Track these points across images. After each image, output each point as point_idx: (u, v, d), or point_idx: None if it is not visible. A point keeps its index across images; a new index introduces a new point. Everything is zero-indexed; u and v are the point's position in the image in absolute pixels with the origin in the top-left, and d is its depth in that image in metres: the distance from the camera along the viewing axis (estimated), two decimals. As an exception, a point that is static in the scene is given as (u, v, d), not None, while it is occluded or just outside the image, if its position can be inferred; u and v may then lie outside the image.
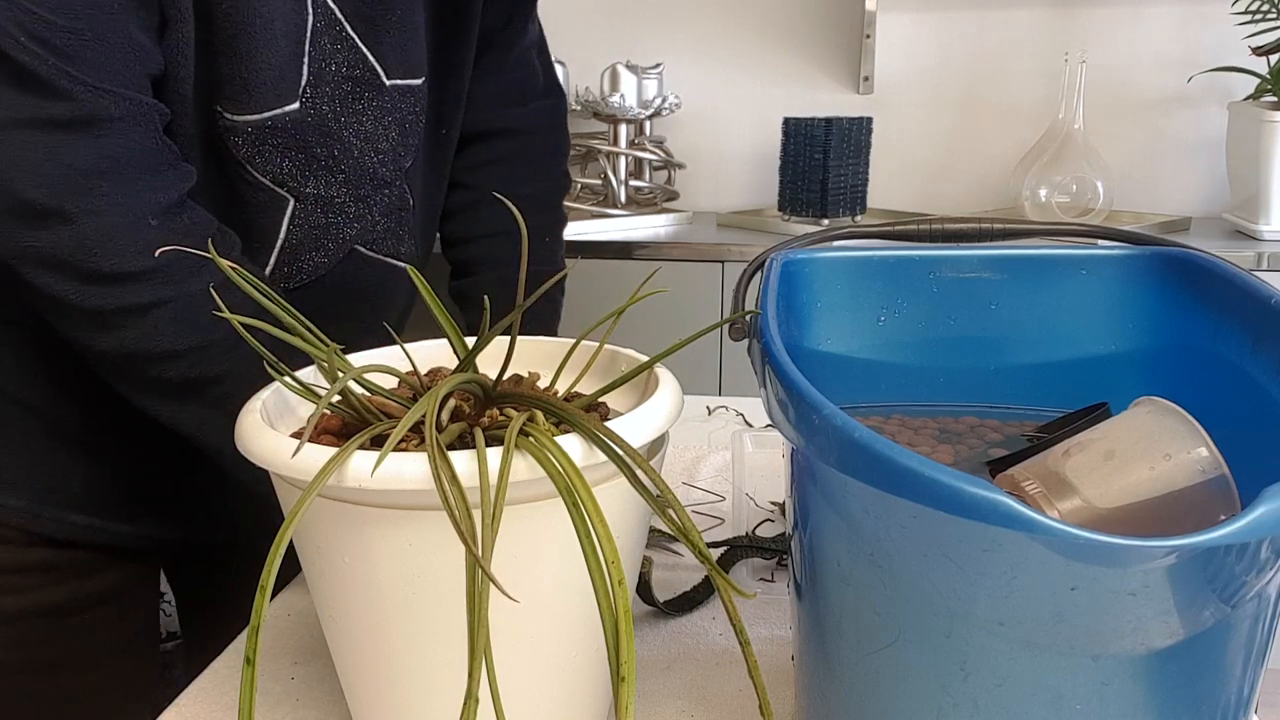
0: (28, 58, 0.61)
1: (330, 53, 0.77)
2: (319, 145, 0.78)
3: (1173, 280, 0.59)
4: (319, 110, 0.77)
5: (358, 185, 0.82)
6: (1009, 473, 0.49)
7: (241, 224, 0.78)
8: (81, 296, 0.66)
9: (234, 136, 0.74)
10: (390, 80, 0.82)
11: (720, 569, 0.45)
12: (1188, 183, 2.23)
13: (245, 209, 0.78)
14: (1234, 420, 0.48)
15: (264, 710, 0.62)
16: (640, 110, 2.15)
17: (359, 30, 0.79)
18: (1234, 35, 1.99)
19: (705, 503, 0.92)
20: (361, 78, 0.79)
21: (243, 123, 0.73)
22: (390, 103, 0.82)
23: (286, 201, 0.78)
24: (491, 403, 0.54)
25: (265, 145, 0.75)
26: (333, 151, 0.79)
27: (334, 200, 0.81)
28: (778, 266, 0.59)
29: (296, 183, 0.78)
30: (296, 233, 0.80)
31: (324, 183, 0.80)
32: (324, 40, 0.76)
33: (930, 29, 2.26)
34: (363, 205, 0.83)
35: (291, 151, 0.77)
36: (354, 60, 0.79)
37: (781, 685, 0.63)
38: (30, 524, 0.80)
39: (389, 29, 0.81)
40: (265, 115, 0.74)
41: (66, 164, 0.64)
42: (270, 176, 0.77)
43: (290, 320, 0.52)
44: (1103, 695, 0.39)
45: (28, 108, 0.63)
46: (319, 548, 0.50)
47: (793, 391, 0.43)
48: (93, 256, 0.65)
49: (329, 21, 0.76)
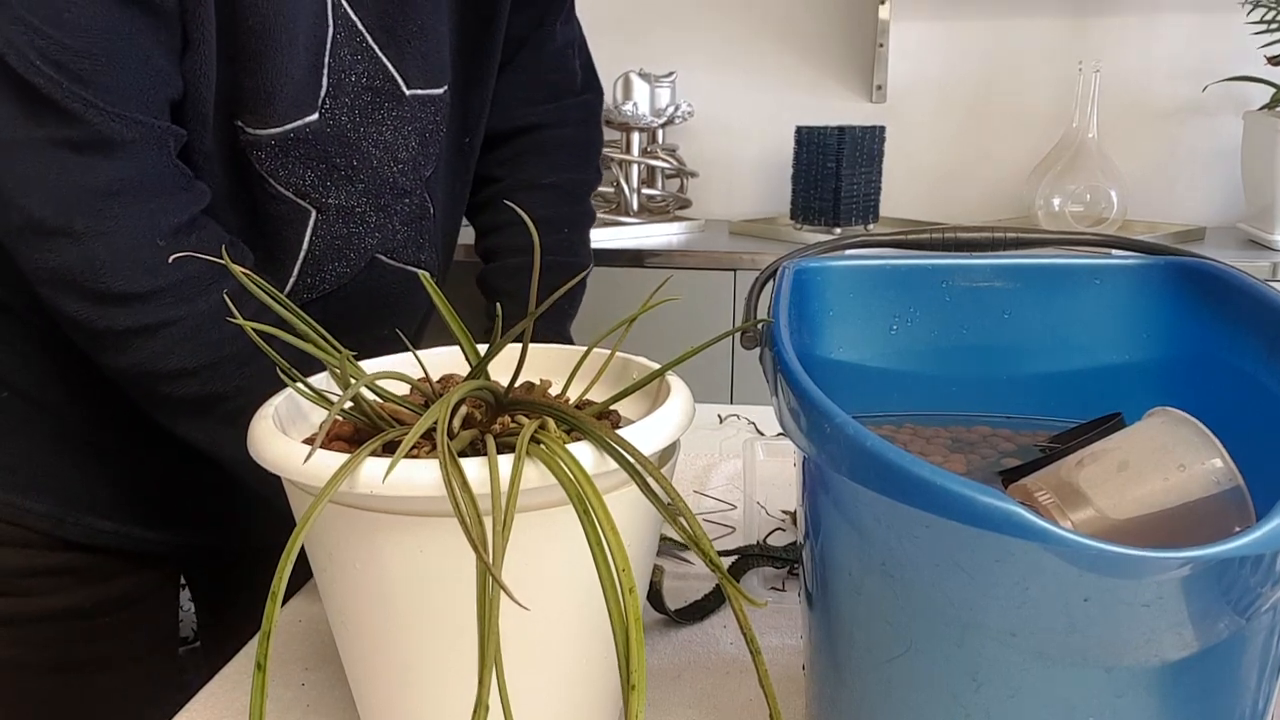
0: (42, 80, 0.62)
1: (350, 64, 0.77)
2: (339, 156, 0.78)
3: (1187, 290, 0.58)
4: (338, 121, 0.78)
5: (378, 195, 0.83)
6: (1022, 483, 0.49)
7: (265, 237, 0.78)
8: (91, 316, 0.66)
9: (256, 151, 0.74)
10: (410, 90, 0.82)
11: (731, 578, 0.45)
12: (1202, 192, 2.22)
13: (269, 222, 0.78)
14: (1249, 431, 0.48)
15: (275, 716, 0.62)
16: (653, 118, 2.16)
17: (380, 41, 0.79)
18: (1249, 45, 1.98)
19: (716, 511, 0.92)
20: (381, 88, 0.80)
21: (265, 136, 0.74)
22: (410, 112, 0.83)
23: (309, 213, 0.79)
24: (503, 410, 0.54)
25: (288, 157, 0.76)
26: (352, 161, 0.80)
27: (355, 210, 0.82)
28: (790, 275, 0.59)
29: (318, 194, 0.79)
30: (319, 244, 0.81)
31: (344, 193, 0.80)
32: (344, 51, 0.77)
33: (943, 38, 2.26)
34: (383, 215, 0.84)
35: (313, 162, 0.77)
36: (374, 71, 0.79)
37: (792, 694, 0.62)
38: (54, 528, 0.80)
39: (410, 39, 0.81)
40: (286, 128, 0.74)
41: (78, 184, 0.64)
42: (293, 189, 0.77)
43: (303, 328, 0.53)
44: (1115, 708, 0.39)
45: (42, 129, 0.63)
46: (330, 554, 0.50)
47: (805, 400, 0.43)
48: (101, 277, 0.65)
49: (350, 33, 0.77)
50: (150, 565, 0.87)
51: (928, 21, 2.25)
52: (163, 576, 0.90)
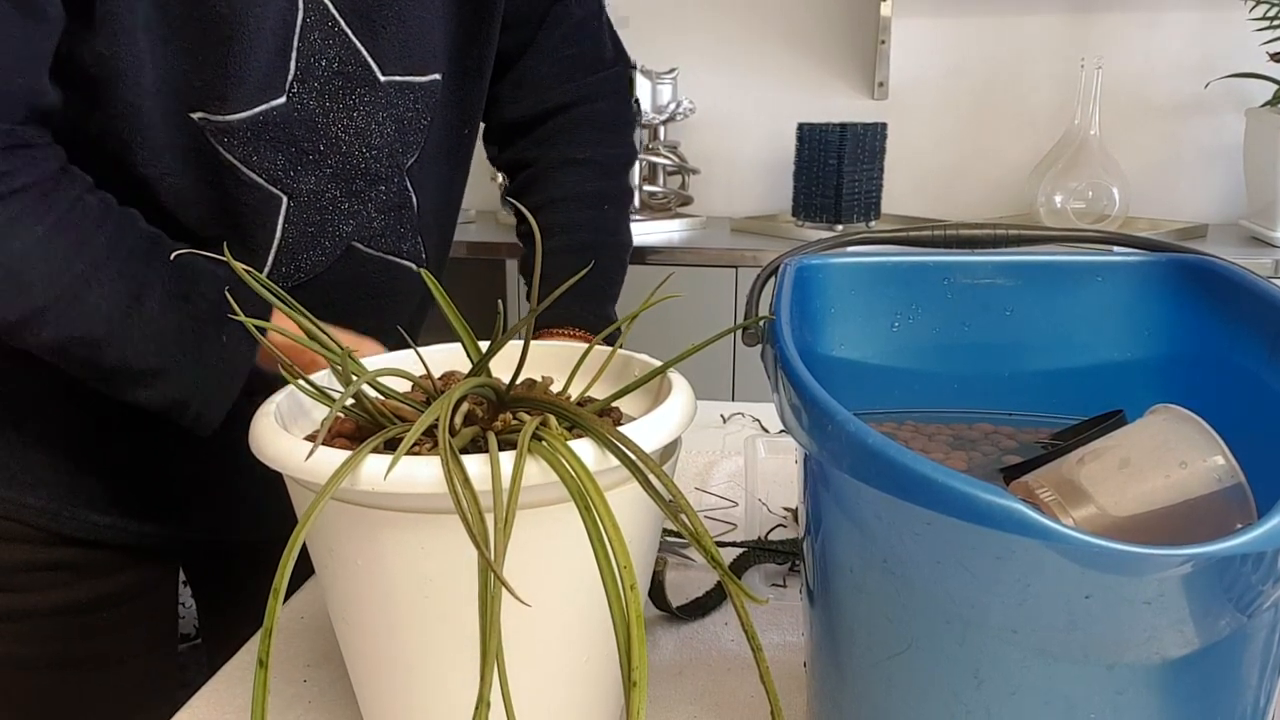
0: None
1: (320, 48, 0.76)
2: (306, 140, 0.77)
3: (1189, 287, 0.58)
4: (305, 105, 0.77)
5: (349, 180, 0.81)
6: (1023, 480, 0.49)
7: (239, 228, 0.77)
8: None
9: (225, 137, 0.73)
10: (386, 76, 0.81)
11: (732, 574, 0.45)
12: (1204, 189, 2.22)
13: (241, 211, 0.77)
14: (1250, 428, 0.48)
15: (276, 713, 0.62)
16: (655, 115, 2.16)
17: (353, 25, 0.78)
18: (1252, 41, 1.98)
19: (718, 508, 0.92)
20: (353, 73, 0.79)
21: (235, 122, 0.73)
22: (385, 98, 0.81)
23: (280, 199, 0.78)
24: (505, 407, 0.54)
25: (259, 142, 0.75)
26: (319, 146, 0.78)
27: (326, 195, 0.80)
28: (791, 272, 0.59)
29: (289, 179, 0.78)
30: (292, 231, 0.80)
31: (314, 178, 0.79)
32: (314, 35, 0.76)
33: (945, 35, 2.26)
34: (356, 201, 0.83)
35: (283, 145, 0.76)
36: (345, 55, 0.78)
37: (794, 691, 0.62)
38: (52, 523, 0.80)
39: (386, 24, 0.80)
40: (254, 112, 0.73)
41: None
42: (264, 174, 0.76)
43: (306, 323, 0.53)
44: (1116, 705, 0.39)
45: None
46: (332, 551, 0.50)
47: (806, 397, 0.43)
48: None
49: (321, 16, 0.76)
50: (149, 561, 0.87)
51: (929, 18, 2.25)
52: (162, 572, 0.90)
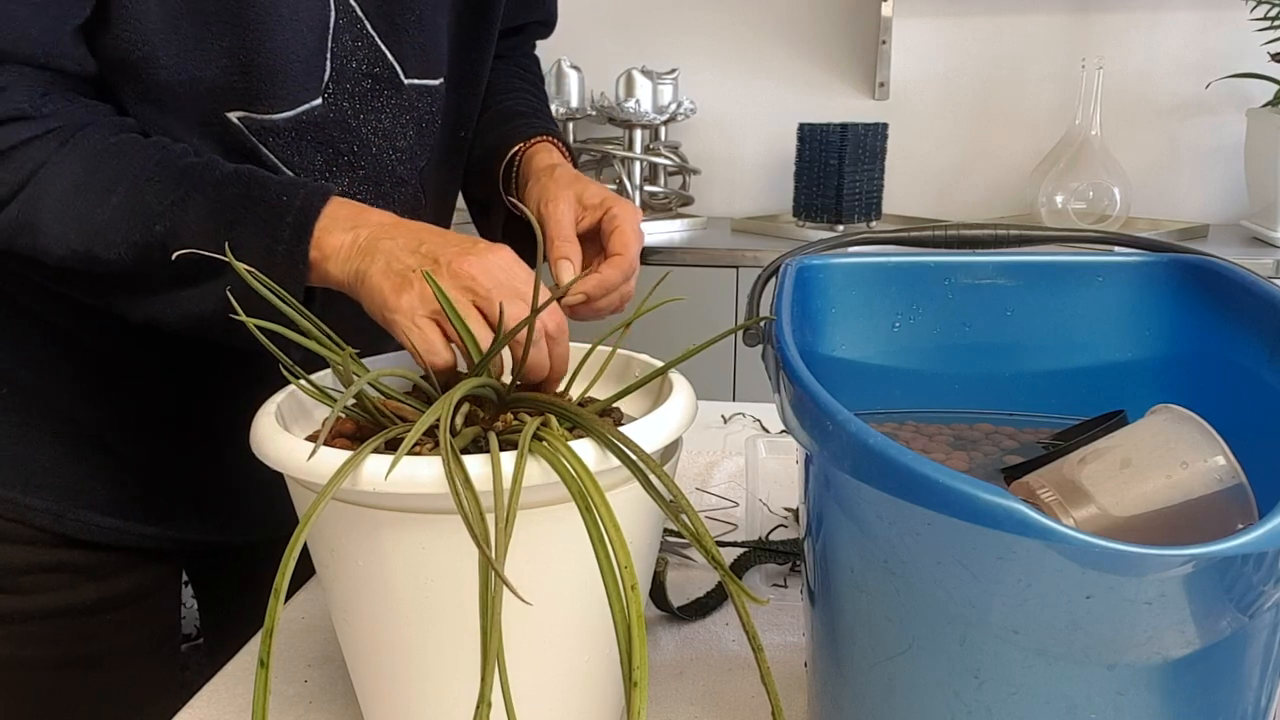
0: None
1: (351, 50, 0.78)
2: (342, 142, 0.79)
3: (1190, 287, 0.58)
4: (340, 107, 0.78)
5: (378, 183, 0.83)
6: (1024, 480, 0.49)
7: None
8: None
9: (271, 137, 0.75)
10: (409, 79, 0.83)
11: (733, 575, 0.45)
12: (1205, 189, 2.22)
13: None
14: (1251, 428, 0.48)
15: (277, 713, 0.62)
16: (655, 115, 2.16)
17: (379, 29, 0.79)
18: (1253, 41, 1.98)
19: (719, 508, 0.92)
20: (381, 75, 0.80)
21: (279, 121, 0.74)
22: (408, 101, 0.83)
23: None
24: (505, 407, 0.54)
25: (302, 142, 0.76)
26: (352, 147, 0.80)
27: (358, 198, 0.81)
28: (792, 272, 0.59)
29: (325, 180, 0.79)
30: None
31: (348, 179, 0.81)
32: (345, 37, 0.77)
33: (946, 35, 2.26)
34: (384, 203, 0.84)
35: (322, 147, 0.78)
36: (374, 58, 0.80)
37: (794, 691, 0.62)
38: (55, 525, 0.80)
39: (408, 28, 0.81)
40: (296, 112, 0.75)
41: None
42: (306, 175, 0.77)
43: (307, 325, 0.53)
44: (1117, 705, 0.39)
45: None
46: (333, 551, 0.50)
47: (807, 397, 0.43)
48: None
49: (350, 19, 0.77)
50: (152, 562, 0.87)
51: (930, 18, 2.25)
52: (164, 573, 0.90)
